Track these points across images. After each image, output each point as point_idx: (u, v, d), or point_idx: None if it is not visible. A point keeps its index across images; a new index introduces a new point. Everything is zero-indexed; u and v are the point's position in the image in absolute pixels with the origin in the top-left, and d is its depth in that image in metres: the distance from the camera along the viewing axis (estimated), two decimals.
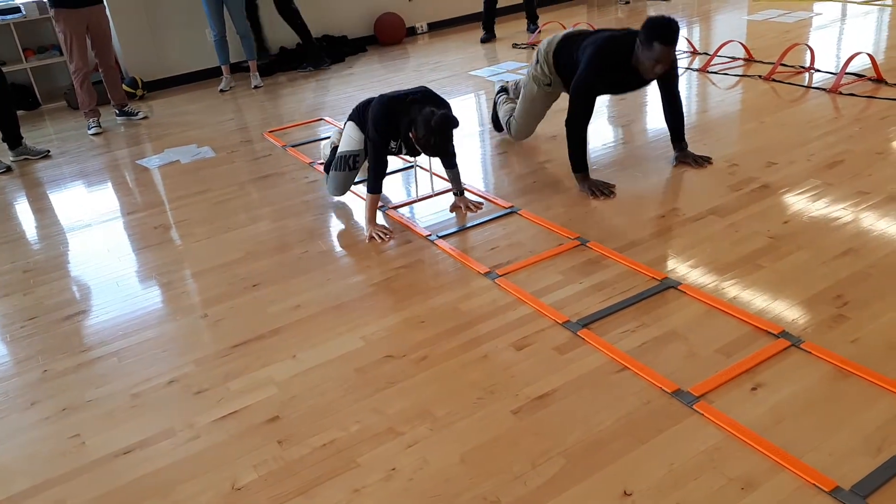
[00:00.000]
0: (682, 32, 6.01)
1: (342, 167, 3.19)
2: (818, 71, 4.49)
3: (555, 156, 3.64)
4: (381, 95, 2.95)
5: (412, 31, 6.55)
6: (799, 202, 2.85)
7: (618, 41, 3.04)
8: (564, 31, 3.41)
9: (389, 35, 6.92)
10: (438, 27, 7.23)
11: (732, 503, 1.54)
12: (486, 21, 6.56)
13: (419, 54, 6.45)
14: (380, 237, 2.94)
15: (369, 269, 2.74)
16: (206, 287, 2.76)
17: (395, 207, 3.27)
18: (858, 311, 2.14)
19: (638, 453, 1.70)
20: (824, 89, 4.16)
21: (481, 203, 3.17)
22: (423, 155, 3.04)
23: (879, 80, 4.16)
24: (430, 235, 2.94)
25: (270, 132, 4.62)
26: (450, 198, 3.24)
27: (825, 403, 1.80)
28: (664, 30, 2.85)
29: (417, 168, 3.60)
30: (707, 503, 1.55)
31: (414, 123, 2.76)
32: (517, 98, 3.75)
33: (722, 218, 2.80)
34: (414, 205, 3.31)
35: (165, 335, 2.46)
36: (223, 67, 5.88)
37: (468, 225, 3.00)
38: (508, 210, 3.09)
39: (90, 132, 5.07)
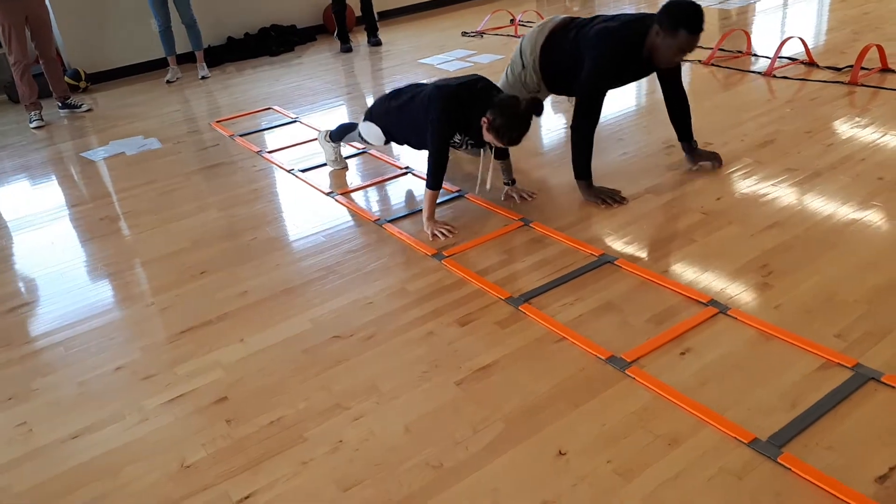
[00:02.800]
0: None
1: (358, 137, 3.24)
2: (755, 55, 4.65)
3: None
4: (440, 86, 2.74)
5: (360, 21, 6.55)
6: (731, 180, 2.98)
7: (628, 31, 2.73)
8: (547, 27, 3.02)
9: None
10: (388, 16, 7.25)
11: (659, 458, 1.63)
12: (341, 31, 6.21)
13: (368, 43, 6.45)
14: (443, 234, 2.75)
15: (318, 255, 2.77)
16: (153, 276, 2.76)
17: (345, 192, 3.30)
18: (781, 279, 2.26)
19: (573, 416, 1.79)
20: (760, 73, 4.32)
21: (535, 192, 3.03)
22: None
23: (811, 64, 4.34)
24: (378, 220, 2.99)
25: (218, 122, 4.60)
26: (403, 185, 3.29)
27: (747, 365, 1.91)
28: (692, 16, 2.56)
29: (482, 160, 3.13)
30: (636, 459, 1.64)
31: (492, 109, 2.54)
32: None
33: (658, 196, 2.91)
34: (362, 190, 3.34)
35: (112, 324, 2.46)
36: (169, 58, 5.81)
37: (416, 210, 3.05)
38: (456, 194, 3.15)
39: (32, 125, 4.96)
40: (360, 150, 3.76)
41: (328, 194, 3.30)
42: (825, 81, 4.04)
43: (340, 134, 3.44)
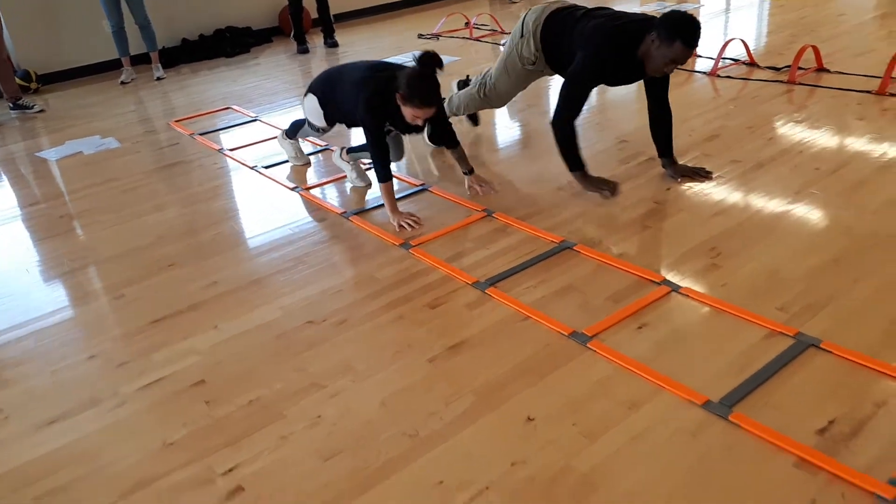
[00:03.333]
0: None
1: (314, 130, 3.30)
2: (700, 57, 4.87)
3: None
4: (364, 80, 2.81)
5: (316, 23, 6.60)
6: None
7: (624, 35, 2.72)
8: (553, 6, 3.04)
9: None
10: (344, 18, 7.30)
11: (620, 420, 1.75)
12: (297, 33, 6.28)
13: (325, 44, 6.49)
14: (409, 225, 2.79)
15: (285, 247, 2.82)
16: (120, 270, 2.77)
17: (309, 188, 3.36)
18: (728, 260, 2.42)
19: (539, 387, 1.90)
20: (705, 73, 4.54)
21: (491, 182, 3.07)
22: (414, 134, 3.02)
23: (752, 64, 4.58)
24: (344, 213, 3.06)
25: (177, 121, 4.59)
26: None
27: (699, 336, 2.05)
28: (690, 29, 2.58)
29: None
30: (598, 422, 1.75)
31: (398, 86, 2.62)
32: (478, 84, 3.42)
33: None
34: (326, 185, 3.41)
35: (81, 316, 2.48)
36: (123, 59, 5.76)
37: (381, 203, 3.13)
38: (420, 188, 3.24)
39: None
40: (322, 147, 3.82)
41: (293, 189, 3.35)
42: (766, 80, 4.27)
43: (294, 130, 3.53)
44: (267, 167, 3.65)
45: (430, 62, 2.61)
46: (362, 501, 1.61)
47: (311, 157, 3.73)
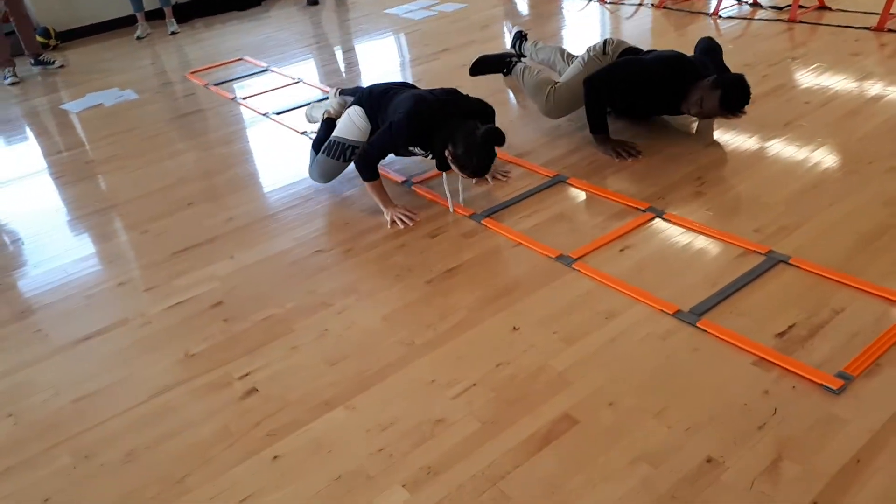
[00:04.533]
0: None
1: (335, 155, 2.73)
2: None
3: (463, 83, 3.93)
4: (418, 100, 2.53)
5: None
6: None
7: (691, 64, 2.82)
8: (621, 47, 3.05)
9: None
10: None
11: (598, 328, 1.93)
12: None
13: None
14: (402, 221, 2.56)
15: (295, 186, 2.99)
16: (144, 209, 2.97)
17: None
18: (713, 188, 2.55)
19: (525, 302, 2.07)
20: (706, 13, 4.57)
21: (508, 171, 2.87)
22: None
23: (755, 4, 4.60)
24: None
25: (192, 73, 4.75)
26: None
27: (677, 256, 2.20)
28: (740, 97, 2.68)
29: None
30: (578, 329, 1.93)
31: (452, 140, 2.41)
32: (538, 73, 3.26)
33: (609, 124, 3.17)
34: None
35: (110, 249, 2.69)
36: (138, 15, 5.88)
37: None
38: None
39: (6, 82, 5.05)
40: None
41: (302, 133, 3.51)
42: (767, 20, 4.31)
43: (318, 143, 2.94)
44: (278, 113, 3.80)
45: (494, 139, 2.37)
46: (363, 397, 1.80)
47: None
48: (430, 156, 2.65)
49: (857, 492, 1.40)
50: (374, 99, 2.72)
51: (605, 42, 3.08)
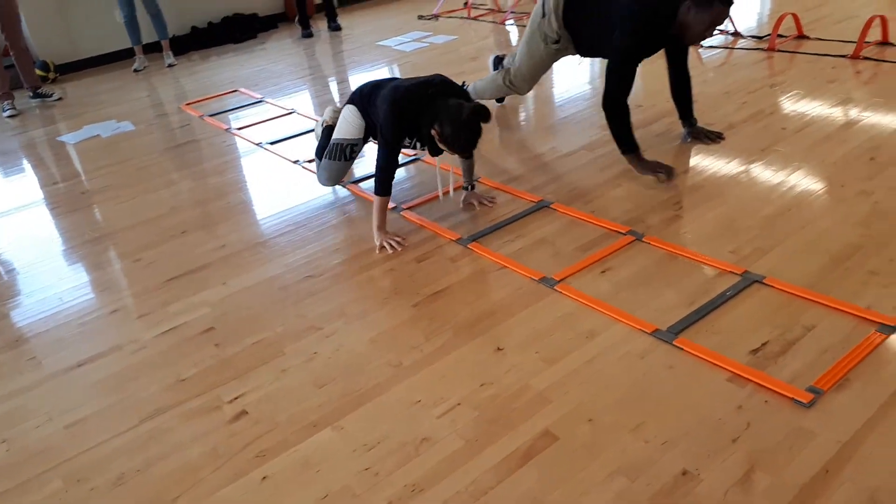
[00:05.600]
0: None
1: (336, 156, 2.87)
2: None
3: None
4: (395, 87, 2.60)
5: (319, 8, 6.80)
6: (655, 135, 3.34)
7: (661, 5, 2.67)
8: None
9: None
10: (347, 3, 7.50)
11: (579, 347, 1.98)
12: (302, 17, 6.46)
13: (329, 28, 6.71)
14: (392, 247, 2.61)
15: (287, 213, 3.06)
16: (136, 238, 3.03)
17: (310, 161, 3.58)
18: (690, 212, 2.63)
19: (509, 323, 2.13)
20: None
21: (494, 198, 2.90)
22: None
23: (736, 34, 4.73)
24: (343, 183, 3.28)
25: (187, 104, 4.85)
26: None
27: (655, 277, 2.27)
28: None
29: (438, 168, 3.00)
30: (559, 349, 1.98)
31: (438, 119, 2.45)
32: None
33: (591, 152, 3.27)
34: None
35: (103, 277, 2.74)
36: (136, 48, 6.00)
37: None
38: (412, 158, 3.46)
39: (5, 115, 5.14)
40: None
41: (294, 162, 3.59)
42: (748, 49, 4.43)
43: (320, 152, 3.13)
44: (272, 143, 3.89)
45: (480, 116, 2.42)
46: (350, 417, 1.85)
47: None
48: (421, 145, 2.70)
49: (825, 501, 1.45)
50: (365, 96, 2.81)
51: (542, 3, 3.09)
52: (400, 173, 3.26)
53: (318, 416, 1.87)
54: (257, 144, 3.92)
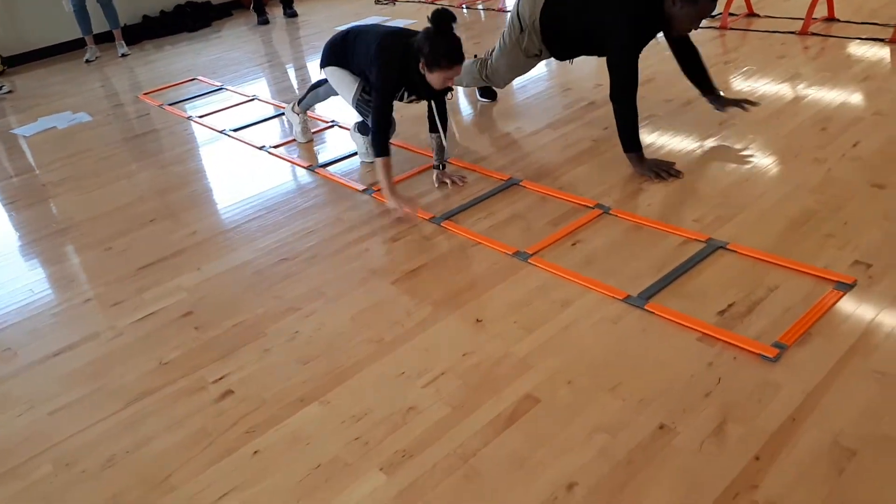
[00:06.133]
0: None
1: (375, 102, 2.74)
2: None
3: None
4: (379, 34, 2.67)
5: None
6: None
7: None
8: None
9: None
10: None
11: (555, 315, 2.05)
12: (257, 4, 6.43)
13: (284, 15, 6.64)
14: (409, 214, 2.62)
15: (257, 198, 3.06)
16: (106, 227, 3.00)
17: (277, 146, 3.58)
18: (653, 185, 2.71)
19: (486, 295, 2.19)
20: None
21: (465, 177, 2.93)
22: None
23: None
24: (310, 166, 3.30)
25: (145, 94, 4.77)
26: None
27: (624, 247, 2.35)
28: None
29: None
30: (537, 317, 2.05)
31: (419, 50, 2.50)
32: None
33: (555, 130, 3.34)
34: (291, 144, 3.63)
35: (75, 267, 2.71)
36: (86, 38, 5.86)
37: (345, 155, 3.36)
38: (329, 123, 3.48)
39: None
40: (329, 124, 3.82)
41: (260, 148, 3.58)
42: (701, 28, 4.53)
43: (312, 98, 3.41)
44: (235, 130, 3.86)
45: (444, 19, 2.47)
46: (336, 391, 1.89)
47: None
48: (411, 94, 2.76)
49: (793, 446, 1.55)
50: (338, 50, 2.93)
51: (517, 16, 3.01)
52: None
53: (304, 391, 1.91)
54: (221, 132, 3.89)
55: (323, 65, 3.06)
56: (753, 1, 4.66)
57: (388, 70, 2.63)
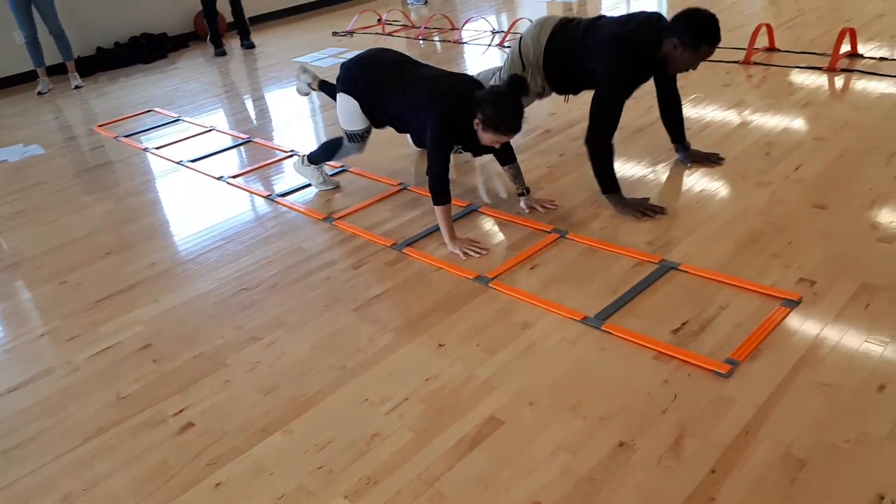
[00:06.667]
0: (489, 15, 6.72)
1: (356, 139, 2.90)
2: None
3: None
4: (436, 101, 2.54)
5: (232, 26, 6.74)
6: (571, 140, 3.52)
7: (642, 39, 2.63)
8: (548, 25, 2.90)
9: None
10: (259, 21, 7.45)
11: (515, 337, 2.09)
12: (214, 36, 6.45)
13: (242, 46, 6.65)
14: (476, 252, 2.54)
15: (216, 229, 3.05)
16: (61, 260, 2.94)
17: (236, 176, 3.58)
18: (608, 209, 2.78)
19: (449, 320, 2.22)
20: None
21: (554, 200, 2.86)
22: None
23: None
24: (269, 195, 3.30)
25: (100, 126, 4.72)
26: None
27: (580, 270, 2.41)
28: (713, 28, 2.55)
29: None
30: (498, 340, 2.08)
31: (479, 106, 2.42)
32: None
33: None
34: (250, 174, 3.63)
35: (28, 302, 2.66)
36: (38, 70, 5.78)
37: (304, 185, 3.37)
38: (339, 169, 3.51)
39: None
40: (289, 153, 3.81)
41: (219, 179, 3.57)
42: None
43: (326, 153, 3.15)
44: (193, 161, 3.85)
45: (521, 87, 2.47)
46: (299, 420, 1.89)
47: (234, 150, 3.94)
48: (464, 147, 2.65)
49: (747, 458, 1.60)
50: (357, 82, 2.81)
51: (519, 55, 2.97)
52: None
53: (267, 421, 1.90)
54: (178, 163, 3.87)
55: (339, 90, 2.89)
56: None
57: (447, 125, 2.52)
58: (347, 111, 2.88)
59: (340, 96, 2.88)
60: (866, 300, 2.07)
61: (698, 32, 2.55)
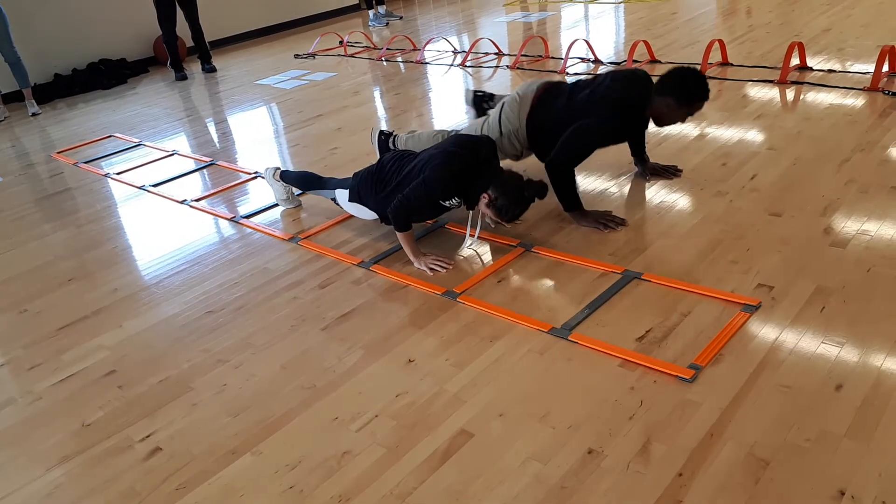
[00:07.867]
0: (450, 36, 6.81)
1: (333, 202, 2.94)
2: (552, 58, 5.40)
3: (341, 144, 4.13)
4: (446, 156, 2.55)
5: (192, 51, 6.72)
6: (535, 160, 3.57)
7: (633, 100, 2.76)
8: (529, 96, 2.93)
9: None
10: (219, 45, 7.44)
11: (484, 350, 2.10)
12: (174, 60, 6.45)
13: (203, 70, 6.63)
14: (440, 268, 2.57)
15: (180, 253, 3.02)
16: (20, 289, 2.89)
17: (199, 199, 3.55)
18: (571, 223, 2.82)
19: (418, 335, 2.22)
20: (555, 71, 5.05)
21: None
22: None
23: (597, 61, 5.14)
24: (233, 217, 3.28)
25: (59, 153, 4.65)
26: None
27: (545, 282, 2.44)
28: (703, 88, 2.69)
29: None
30: (467, 354, 2.10)
31: (494, 187, 2.49)
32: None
33: None
34: (215, 196, 3.60)
35: None
36: None
37: (269, 206, 3.37)
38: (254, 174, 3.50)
39: None
40: (252, 174, 3.82)
41: (182, 202, 3.54)
42: None
43: (303, 183, 3.16)
44: (155, 185, 3.81)
45: (539, 194, 2.56)
46: (269, 441, 1.87)
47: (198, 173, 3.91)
48: (460, 202, 2.63)
49: (712, 460, 1.63)
50: (367, 187, 2.74)
51: (498, 122, 2.97)
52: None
53: (236, 444, 1.88)
54: (140, 188, 3.83)
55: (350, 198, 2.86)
56: (655, 49, 4.98)
57: (446, 189, 2.53)
58: (358, 211, 2.87)
59: (350, 206, 2.87)
60: (822, 303, 2.13)
61: (691, 90, 2.70)
